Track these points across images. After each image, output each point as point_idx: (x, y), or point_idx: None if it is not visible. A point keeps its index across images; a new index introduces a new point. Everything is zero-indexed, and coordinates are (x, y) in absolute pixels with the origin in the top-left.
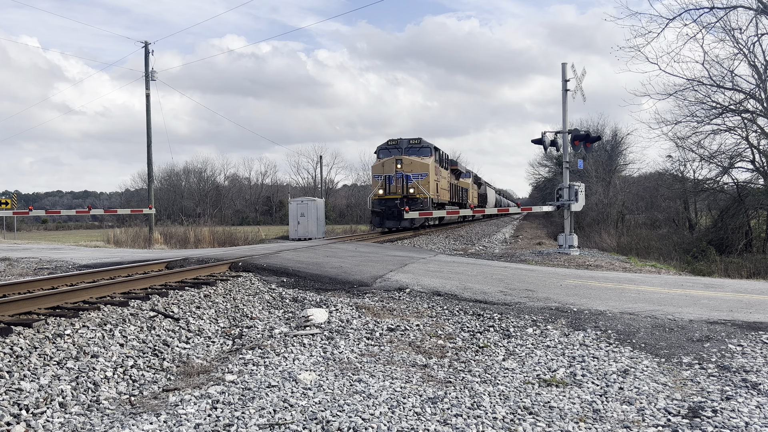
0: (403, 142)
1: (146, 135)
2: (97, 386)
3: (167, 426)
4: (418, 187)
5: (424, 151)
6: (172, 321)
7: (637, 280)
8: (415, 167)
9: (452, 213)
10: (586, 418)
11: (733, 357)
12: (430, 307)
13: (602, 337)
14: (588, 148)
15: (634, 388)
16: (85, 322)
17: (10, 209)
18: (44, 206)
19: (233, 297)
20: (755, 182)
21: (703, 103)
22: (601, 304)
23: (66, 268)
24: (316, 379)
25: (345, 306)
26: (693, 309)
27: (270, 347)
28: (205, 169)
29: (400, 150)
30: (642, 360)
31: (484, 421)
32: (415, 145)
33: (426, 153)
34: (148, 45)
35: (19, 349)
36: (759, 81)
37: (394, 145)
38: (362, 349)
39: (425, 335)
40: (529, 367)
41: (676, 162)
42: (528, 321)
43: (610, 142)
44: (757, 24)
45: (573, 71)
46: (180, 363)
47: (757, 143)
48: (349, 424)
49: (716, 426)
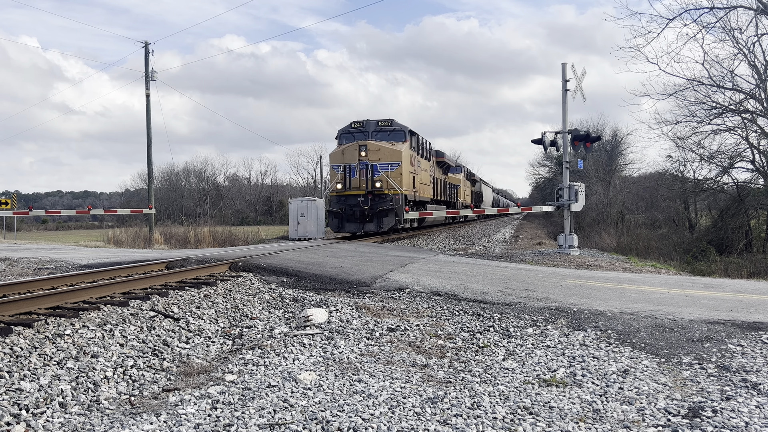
0: (369, 125)
1: (146, 135)
2: (97, 386)
3: (167, 426)
4: (387, 180)
5: (396, 135)
6: (172, 321)
7: (637, 280)
8: (385, 155)
9: (452, 213)
10: (586, 418)
11: (733, 357)
12: (430, 307)
13: (602, 337)
14: (588, 148)
15: (634, 388)
16: (85, 322)
17: (10, 209)
18: (44, 206)
19: (233, 297)
20: (755, 182)
21: (703, 103)
22: (601, 304)
23: (66, 268)
24: (316, 379)
25: (345, 306)
26: (693, 309)
27: (270, 347)
28: (205, 169)
29: (366, 134)
30: (642, 360)
31: (484, 421)
32: (385, 128)
33: (399, 138)
34: (148, 45)
35: (19, 349)
36: (759, 81)
37: (358, 128)
38: (362, 349)
39: (425, 335)
40: (529, 367)
41: (676, 162)
42: (528, 321)
43: (610, 142)
44: (757, 24)
45: (573, 71)
46: (180, 363)
47: (757, 143)
48: (349, 424)
49: (716, 426)
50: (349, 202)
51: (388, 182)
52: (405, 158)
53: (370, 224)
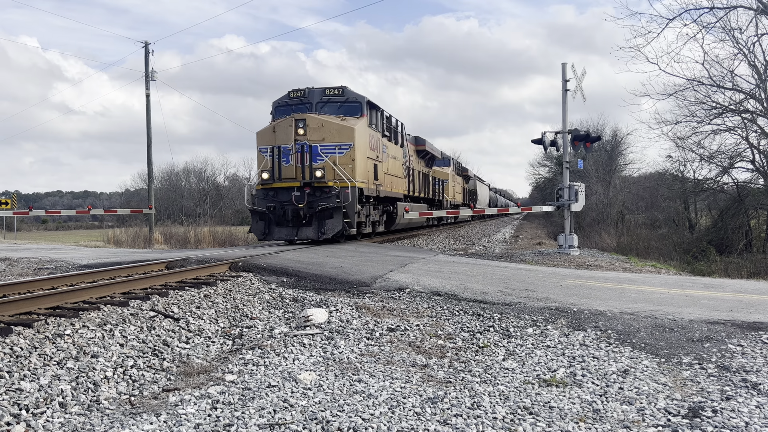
0: (313, 94)
1: (146, 135)
2: (97, 386)
3: (167, 426)
4: (332, 167)
5: (350, 107)
6: (172, 321)
7: (637, 280)
8: (331, 134)
9: (452, 213)
10: (586, 418)
11: (733, 357)
12: (430, 307)
13: (602, 337)
14: (588, 148)
15: (634, 388)
16: (85, 322)
17: (10, 209)
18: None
19: (233, 297)
20: (755, 182)
21: (703, 103)
22: (601, 304)
23: (66, 268)
24: (316, 379)
25: (345, 306)
26: (693, 309)
27: (270, 347)
28: (205, 169)
29: (308, 106)
30: (642, 360)
31: (484, 421)
32: (334, 98)
33: (353, 111)
34: (148, 45)
35: (19, 349)
36: (759, 81)
37: (298, 98)
38: (362, 349)
39: (425, 335)
40: (529, 367)
41: (676, 162)
42: (528, 321)
43: (610, 142)
44: (757, 24)
45: (573, 71)
46: (180, 363)
47: (757, 143)
48: (349, 424)
49: (716, 426)
50: (279, 197)
51: (335, 171)
52: (360, 138)
53: (307, 229)
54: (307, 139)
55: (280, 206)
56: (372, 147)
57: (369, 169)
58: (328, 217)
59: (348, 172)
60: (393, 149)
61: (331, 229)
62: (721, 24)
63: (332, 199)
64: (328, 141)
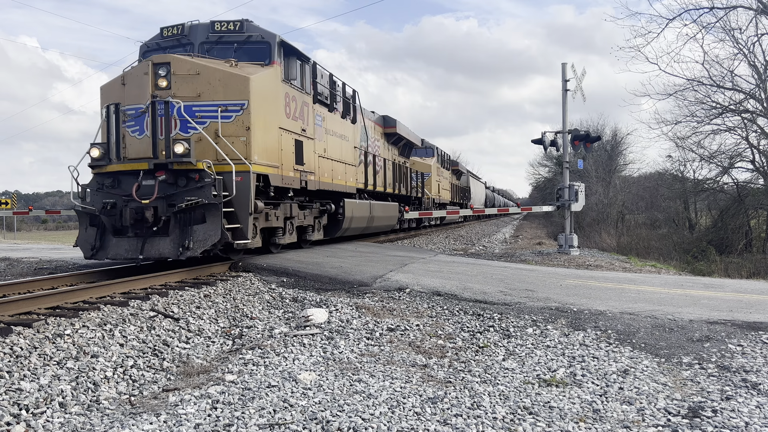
0: (196, 31)
1: None
2: (97, 386)
3: (167, 426)
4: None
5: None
6: (172, 321)
7: (637, 280)
8: (212, 86)
9: (452, 213)
10: (586, 418)
11: (733, 357)
12: (430, 307)
13: (602, 337)
14: (588, 148)
15: (634, 388)
16: (85, 322)
17: (10, 209)
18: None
19: (233, 297)
20: (755, 182)
21: (703, 103)
22: (601, 304)
23: (66, 268)
24: (316, 379)
25: (345, 306)
26: (693, 309)
27: (270, 347)
28: None
29: (189, 48)
30: (642, 360)
31: (484, 421)
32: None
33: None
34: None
35: (19, 349)
36: (759, 81)
37: (174, 38)
38: (362, 349)
39: (425, 335)
40: (529, 367)
41: (676, 162)
42: (528, 321)
43: (610, 142)
44: (757, 24)
45: (573, 71)
46: (180, 363)
47: (757, 143)
48: (349, 424)
49: (716, 426)
50: (121, 187)
51: (212, 145)
52: (263, 95)
53: (161, 241)
54: (173, 94)
55: (122, 203)
56: (291, 113)
57: (284, 146)
58: (197, 221)
59: (239, 147)
60: (337, 124)
61: (202, 241)
62: (721, 24)
63: (205, 191)
64: (207, 98)
